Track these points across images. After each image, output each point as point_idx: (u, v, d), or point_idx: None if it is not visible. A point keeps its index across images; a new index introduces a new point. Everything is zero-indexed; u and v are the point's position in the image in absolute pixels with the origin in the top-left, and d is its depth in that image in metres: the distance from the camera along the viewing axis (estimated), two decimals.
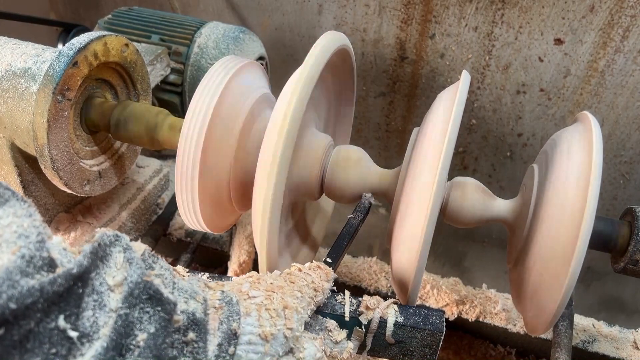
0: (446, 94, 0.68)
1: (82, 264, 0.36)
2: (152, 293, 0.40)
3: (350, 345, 0.56)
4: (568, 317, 0.80)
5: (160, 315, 0.39)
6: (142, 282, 0.39)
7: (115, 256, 0.40)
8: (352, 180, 0.72)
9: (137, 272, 0.40)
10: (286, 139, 0.57)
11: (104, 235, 0.40)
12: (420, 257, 0.60)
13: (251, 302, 0.48)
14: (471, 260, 1.49)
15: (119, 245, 0.40)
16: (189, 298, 0.43)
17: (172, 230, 1.04)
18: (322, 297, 0.56)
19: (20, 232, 0.33)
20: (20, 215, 0.34)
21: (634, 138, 1.10)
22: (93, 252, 0.38)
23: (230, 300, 0.47)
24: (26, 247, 0.33)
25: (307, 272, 0.56)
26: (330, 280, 0.58)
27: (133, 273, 0.39)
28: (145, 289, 0.39)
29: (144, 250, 0.43)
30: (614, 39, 1.00)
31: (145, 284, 0.40)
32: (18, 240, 0.33)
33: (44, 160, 0.68)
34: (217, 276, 0.66)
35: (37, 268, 0.33)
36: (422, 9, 1.09)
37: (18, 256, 0.32)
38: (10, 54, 0.70)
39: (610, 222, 0.69)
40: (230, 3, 1.27)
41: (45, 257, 0.34)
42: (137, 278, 0.39)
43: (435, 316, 0.61)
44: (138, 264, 0.40)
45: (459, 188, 0.70)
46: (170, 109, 0.93)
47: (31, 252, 0.33)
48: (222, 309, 0.45)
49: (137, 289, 0.39)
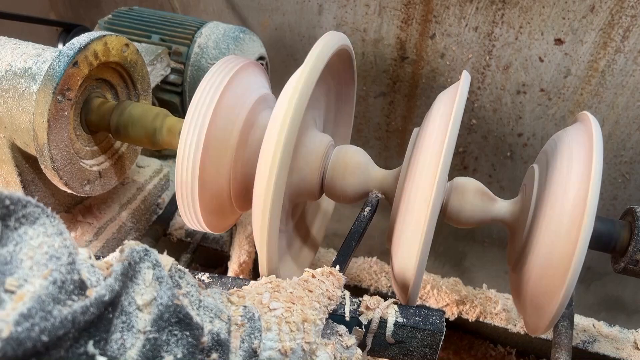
0: (446, 94, 0.68)
1: (114, 288, 0.35)
2: (181, 317, 0.39)
3: (359, 352, 0.56)
4: (568, 317, 0.80)
5: (188, 340, 0.39)
6: (172, 306, 0.39)
7: (143, 272, 0.39)
8: (352, 181, 0.72)
9: (168, 294, 0.39)
10: (286, 139, 0.57)
11: (134, 251, 0.39)
12: (420, 257, 0.60)
13: (272, 314, 0.49)
14: (471, 260, 1.49)
15: (148, 261, 0.39)
16: (214, 317, 0.43)
17: (172, 230, 1.04)
18: (335, 305, 0.57)
19: (52, 254, 0.32)
20: (50, 234, 0.33)
21: (634, 138, 1.10)
22: (124, 273, 0.37)
23: (252, 316, 0.47)
24: (57, 270, 0.32)
25: (321, 279, 0.57)
26: (341, 287, 0.59)
27: (163, 294, 0.38)
28: (175, 313, 0.39)
29: (170, 265, 0.42)
30: (615, 39, 1.00)
31: (175, 308, 0.39)
32: (49, 263, 0.32)
33: (44, 160, 0.68)
34: (217, 276, 0.66)
35: (69, 293, 0.32)
36: (422, 9, 1.09)
37: (50, 281, 0.31)
38: (11, 54, 0.70)
39: (611, 222, 0.69)
40: (230, 3, 1.27)
41: (77, 279, 0.33)
42: (168, 301, 0.38)
43: (435, 316, 0.61)
44: (168, 284, 0.39)
45: (459, 188, 0.70)
46: (171, 109, 0.93)
47: (63, 276, 0.32)
48: (244, 325, 0.46)
49: (167, 312, 0.38)
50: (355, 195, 0.73)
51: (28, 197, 0.33)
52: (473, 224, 0.71)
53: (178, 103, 1.02)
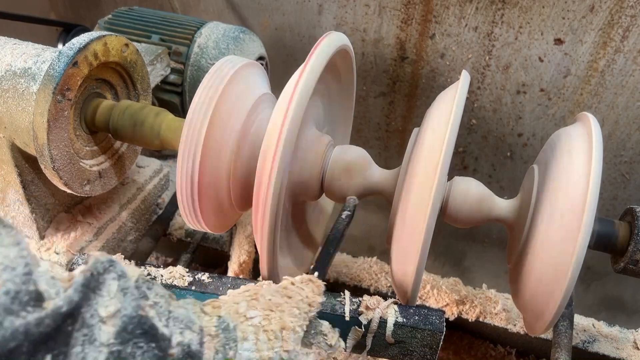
0: (446, 94, 0.68)
1: (72, 300, 0.34)
2: (146, 328, 0.38)
3: (342, 344, 0.56)
4: (568, 317, 0.80)
5: (155, 353, 0.38)
6: (137, 317, 0.38)
7: (108, 284, 0.37)
8: (352, 181, 0.72)
9: (132, 305, 0.38)
10: (286, 138, 0.57)
11: (97, 262, 0.38)
12: (420, 257, 0.60)
13: (249, 323, 0.48)
14: (471, 260, 1.49)
15: (113, 272, 0.38)
16: (185, 328, 0.42)
17: (172, 230, 1.04)
18: (315, 312, 0.56)
19: (6, 264, 0.31)
20: (6, 244, 0.32)
21: (634, 138, 1.10)
22: (85, 284, 0.36)
23: (227, 326, 0.46)
24: (11, 280, 0.31)
25: (300, 287, 0.56)
26: (321, 294, 0.58)
27: (127, 305, 0.37)
28: (139, 324, 0.38)
29: (137, 276, 0.40)
30: (614, 39, 1.00)
31: (140, 319, 0.38)
32: (3, 274, 0.31)
33: (44, 160, 0.68)
34: (217, 276, 0.66)
35: (23, 304, 0.31)
36: (422, 9, 1.09)
37: (2, 292, 0.30)
38: (10, 54, 0.70)
39: (610, 222, 0.69)
40: (230, 3, 1.27)
41: (32, 290, 0.32)
42: (132, 312, 0.37)
43: (435, 316, 0.61)
44: (133, 294, 0.38)
45: (458, 188, 0.70)
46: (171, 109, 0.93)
47: (17, 287, 0.31)
48: (218, 336, 0.44)
49: (131, 323, 0.37)
50: (355, 195, 0.73)
51: None
52: (473, 223, 0.71)
53: (178, 103, 1.02)
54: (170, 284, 0.65)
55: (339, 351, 0.55)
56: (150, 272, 0.67)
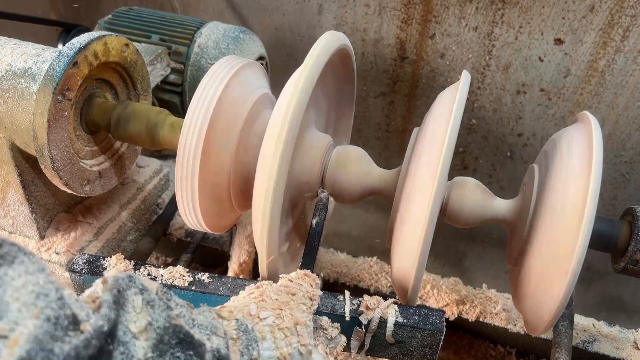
0: (446, 94, 0.68)
1: (111, 317, 0.34)
2: (182, 337, 0.38)
3: (343, 339, 0.57)
4: (568, 317, 0.80)
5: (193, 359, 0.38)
6: (170, 327, 0.37)
7: (132, 299, 0.37)
8: (352, 180, 0.72)
9: (163, 316, 0.38)
10: (286, 139, 0.57)
11: (119, 279, 0.37)
12: (420, 257, 0.60)
13: (263, 324, 0.48)
14: (471, 260, 1.49)
15: (134, 287, 0.38)
16: (211, 334, 0.42)
17: (172, 230, 1.04)
18: (317, 304, 0.57)
19: (38, 291, 0.30)
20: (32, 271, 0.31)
21: (634, 138, 1.10)
22: (116, 301, 0.35)
23: (246, 328, 0.46)
24: (48, 306, 0.30)
25: (299, 282, 0.57)
26: (319, 286, 0.60)
27: (158, 317, 0.37)
28: (175, 334, 0.38)
29: (156, 289, 0.40)
30: (614, 39, 1.00)
31: (174, 328, 0.38)
32: (38, 301, 0.30)
33: (44, 160, 0.68)
34: (217, 276, 0.66)
35: (64, 329, 0.31)
36: (422, 9, 1.09)
37: (43, 319, 0.30)
38: (11, 54, 0.70)
39: (611, 222, 0.69)
40: (230, 3, 1.27)
41: (69, 314, 0.32)
42: (165, 322, 0.37)
43: (435, 316, 0.61)
44: (160, 306, 0.38)
45: (459, 188, 0.70)
46: (171, 109, 0.93)
47: (55, 312, 0.30)
48: (240, 338, 0.45)
49: (166, 334, 0.37)
50: (356, 195, 0.73)
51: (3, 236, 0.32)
52: (473, 223, 0.71)
53: (178, 103, 1.02)
54: (171, 284, 0.65)
55: (340, 345, 0.56)
56: (150, 272, 0.67)
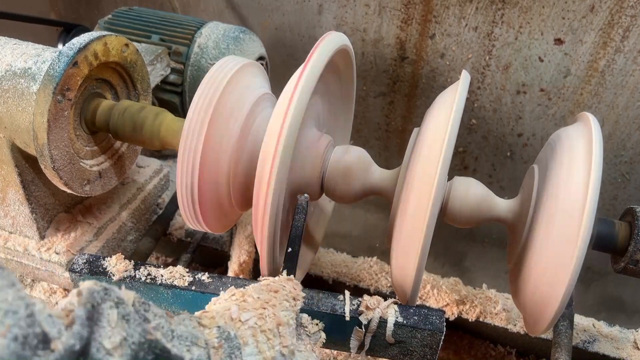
0: (446, 94, 0.68)
1: (83, 335, 0.32)
2: (158, 352, 0.36)
3: (323, 335, 0.57)
4: (568, 317, 0.80)
5: None
6: (146, 342, 0.36)
7: (107, 313, 0.35)
8: (352, 180, 0.72)
9: (138, 331, 0.36)
10: (286, 139, 0.57)
11: (94, 292, 0.35)
12: (420, 257, 0.60)
13: (245, 327, 0.47)
14: (471, 260, 1.49)
15: (109, 300, 0.36)
16: (191, 345, 0.41)
17: (172, 230, 1.04)
18: (300, 305, 0.56)
19: (6, 309, 0.29)
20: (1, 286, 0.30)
21: (634, 138, 1.10)
22: (89, 317, 0.34)
23: (229, 335, 0.45)
24: (16, 325, 0.29)
25: (280, 283, 0.57)
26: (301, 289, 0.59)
27: (133, 332, 0.36)
28: (150, 349, 0.36)
29: (133, 300, 0.38)
30: (614, 39, 1.00)
31: (150, 343, 0.36)
32: (5, 319, 0.29)
33: (44, 160, 0.68)
34: (217, 276, 0.66)
35: (33, 348, 0.29)
36: (422, 9, 1.09)
37: (10, 339, 0.28)
38: (11, 54, 0.70)
39: (610, 222, 0.69)
40: (230, 3, 1.27)
41: (39, 332, 0.30)
42: (140, 337, 0.36)
43: (435, 316, 0.61)
44: (136, 320, 0.36)
45: (458, 188, 0.70)
46: (171, 109, 0.93)
47: (24, 331, 0.29)
48: (222, 347, 0.44)
49: (141, 350, 0.35)
50: (356, 195, 0.73)
51: None
52: (473, 223, 0.71)
53: (178, 103, 1.02)
54: (170, 284, 0.66)
55: (320, 341, 0.56)
56: (150, 272, 0.67)
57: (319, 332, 0.57)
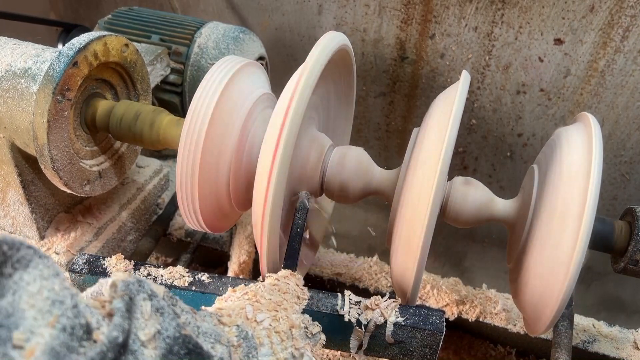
0: (446, 94, 0.68)
1: (124, 327, 0.33)
2: (191, 347, 0.37)
3: (323, 337, 0.57)
4: (568, 317, 0.80)
5: None
6: (180, 337, 0.36)
7: (140, 305, 0.36)
8: (352, 181, 0.72)
9: (173, 325, 0.37)
10: (286, 139, 0.57)
11: (129, 284, 0.36)
12: (420, 257, 0.60)
13: (260, 328, 0.48)
14: (471, 260, 1.49)
15: (143, 292, 0.36)
16: (215, 342, 0.41)
17: (172, 230, 1.04)
18: (305, 303, 0.57)
19: (53, 298, 0.29)
20: (47, 276, 0.30)
21: (634, 138, 1.10)
22: (128, 309, 0.34)
23: (247, 335, 0.46)
24: (64, 315, 0.29)
25: (286, 281, 0.57)
26: (304, 285, 0.60)
27: (168, 326, 0.36)
28: (184, 344, 0.36)
29: (163, 294, 0.39)
30: (614, 39, 1.00)
31: (184, 339, 0.37)
32: (53, 309, 0.29)
33: (44, 160, 0.68)
34: (217, 276, 0.66)
35: (79, 339, 0.30)
36: (422, 9, 1.09)
37: (59, 329, 0.28)
38: (10, 54, 0.70)
39: (610, 222, 0.69)
40: (230, 3, 1.27)
41: (84, 323, 0.30)
42: (174, 332, 0.36)
43: (435, 316, 0.61)
44: (169, 314, 0.37)
45: (458, 188, 0.70)
46: (171, 109, 0.93)
47: (71, 321, 0.29)
48: (240, 346, 0.44)
49: (176, 344, 0.36)
50: (356, 195, 0.73)
51: (20, 238, 0.30)
52: (473, 223, 0.71)
53: (178, 103, 1.02)
54: (171, 284, 0.65)
55: (320, 343, 0.56)
56: (150, 272, 0.67)
57: (320, 334, 0.57)
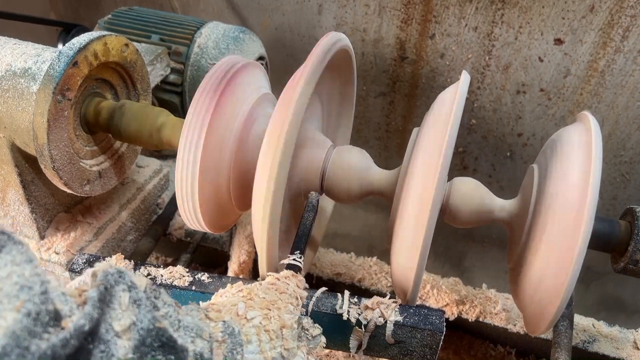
0: (446, 94, 0.68)
1: (93, 317, 0.33)
2: (164, 340, 0.37)
3: (323, 339, 0.57)
4: (568, 317, 0.80)
5: None
6: (154, 329, 0.36)
7: (119, 296, 0.36)
8: (352, 181, 0.72)
9: (148, 317, 0.37)
10: (286, 139, 0.57)
11: (108, 274, 0.36)
12: (420, 257, 0.60)
13: (250, 325, 0.48)
14: (471, 260, 1.49)
15: (123, 283, 0.37)
16: (195, 336, 0.41)
17: (172, 230, 1.04)
18: (302, 305, 0.57)
19: (22, 283, 0.30)
20: (19, 262, 0.30)
21: (634, 138, 1.10)
22: (101, 299, 0.34)
23: (233, 331, 0.46)
24: (31, 300, 0.30)
25: (286, 281, 0.57)
26: (305, 287, 0.59)
27: (143, 318, 0.36)
28: (157, 337, 0.36)
29: (145, 286, 0.39)
30: (614, 39, 1.00)
31: (157, 331, 0.37)
32: (21, 294, 0.29)
33: (44, 160, 0.68)
34: (216, 276, 0.66)
35: (44, 324, 0.30)
36: (422, 9, 1.09)
37: (23, 314, 0.29)
38: (10, 54, 0.70)
39: (610, 222, 0.69)
40: (230, 3, 1.27)
41: (51, 310, 0.31)
42: (149, 324, 0.36)
43: (435, 316, 0.61)
44: (146, 306, 0.37)
45: (458, 188, 0.70)
46: (170, 109, 0.93)
47: (37, 307, 0.30)
48: (225, 342, 0.44)
49: (149, 336, 0.36)
50: (356, 195, 0.73)
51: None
52: (473, 223, 0.71)
53: (178, 103, 1.02)
54: (170, 284, 0.65)
55: (320, 345, 0.56)
56: (150, 272, 0.67)
57: (320, 336, 0.57)
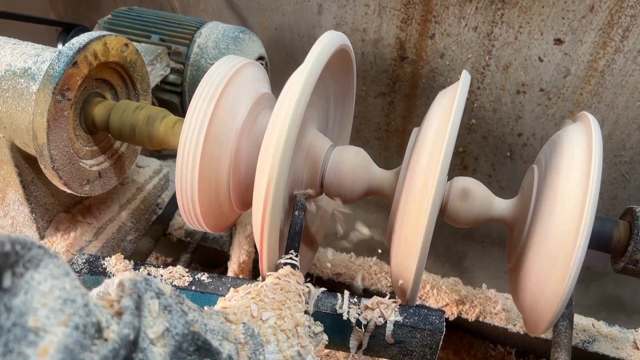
0: (446, 94, 0.68)
1: (135, 325, 0.33)
2: (200, 344, 0.37)
3: (325, 337, 0.57)
4: (568, 317, 0.80)
5: None
6: (189, 334, 0.37)
7: (147, 303, 0.36)
8: (352, 181, 0.72)
9: (181, 322, 0.37)
10: (286, 139, 0.57)
11: (137, 283, 0.36)
12: (420, 257, 0.60)
13: (266, 326, 0.49)
14: (471, 260, 1.49)
15: (150, 290, 0.37)
16: (222, 339, 0.41)
17: (172, 230, 1.04)
18: (305, 301, 0.57)
19: (65, 297, 0.30)
20: (58, 275, 0.30)
21: (634, 138, 1.10)
22: (137, 307, 0.34)
23: (253, 332, 0.46)
24: (76, 314, 0.29)
25: (287, 279, 0.57)
26: (304, 283, 0.60)
27: (177, 323, 0.36)
28: (193, 341, 0.37)
29: (170, 292, 0.39)
30: (614, 39, 1.00)
31: (193, 336, 0.37)
32: (65, 308, 0.29)
33: (44, 160, 0.68)
34: (216, 276, 0.66)
35: (91, 337, 0.30)
36: (422, 9, 1.09)
37: (72, 327, 0.29)
38: (10, 54, 0.70)
39: (610, 222, 0.69)
40: (230, 3, 1.27)
41: (95, 322, 0.31)
42: (183, 329, 0.36)
43: (435, 316, 0.61)
44: (177, 312, 0.37)
45: (458, 188, 0.70)
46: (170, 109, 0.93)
47: (83, 320, 0.30)
48: (247, 343, 0.45)
49: (185, 341, 0.36)
50: (355, 196, 0.73)
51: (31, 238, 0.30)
52: (473, 223, 0.71)
53: (178, 103, 1.02)
54: (170, 284, 0.65)
55: (322, 342, 0.57)
56: (150, 272, 0.67)
57: (322, 334, 0.57)
